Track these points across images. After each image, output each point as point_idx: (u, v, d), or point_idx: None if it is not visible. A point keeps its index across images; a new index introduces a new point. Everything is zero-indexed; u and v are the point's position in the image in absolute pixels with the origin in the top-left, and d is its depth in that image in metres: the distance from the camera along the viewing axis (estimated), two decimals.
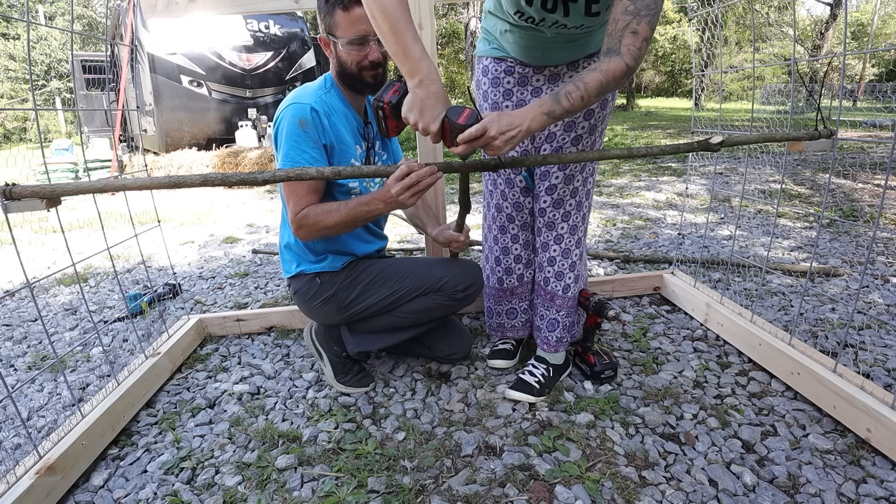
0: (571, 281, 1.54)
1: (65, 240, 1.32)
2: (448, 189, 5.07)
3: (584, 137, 1.43)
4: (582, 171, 1.46)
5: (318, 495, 1.16)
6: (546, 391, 1.50)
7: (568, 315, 1.56)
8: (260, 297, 2.46)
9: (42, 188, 1.09)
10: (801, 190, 4.37)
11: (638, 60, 1.06)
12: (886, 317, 1.94)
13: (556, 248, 1.52)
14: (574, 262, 1.53)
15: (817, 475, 1.16)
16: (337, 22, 1.32)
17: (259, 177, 1.16)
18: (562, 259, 1.52)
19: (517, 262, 1.62)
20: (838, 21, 16.49)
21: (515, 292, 1.66)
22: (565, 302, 1.55)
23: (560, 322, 1.56)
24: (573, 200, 1.48)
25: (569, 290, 1.54)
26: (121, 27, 7.13)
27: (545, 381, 1.51)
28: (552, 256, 1.53)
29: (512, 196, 1.55)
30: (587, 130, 1.42)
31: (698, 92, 16.65)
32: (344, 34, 1.33)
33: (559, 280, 1.53)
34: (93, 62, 8.94)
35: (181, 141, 7.04)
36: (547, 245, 1.53)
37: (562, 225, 1.50)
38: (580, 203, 1.49)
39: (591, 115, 1.41)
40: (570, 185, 1.46)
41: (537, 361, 1.57)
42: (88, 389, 1.69)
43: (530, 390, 1.48)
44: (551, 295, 1.55)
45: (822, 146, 1.46)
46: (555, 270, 1.53)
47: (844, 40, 1.36)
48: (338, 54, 1.38)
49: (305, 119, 1.34)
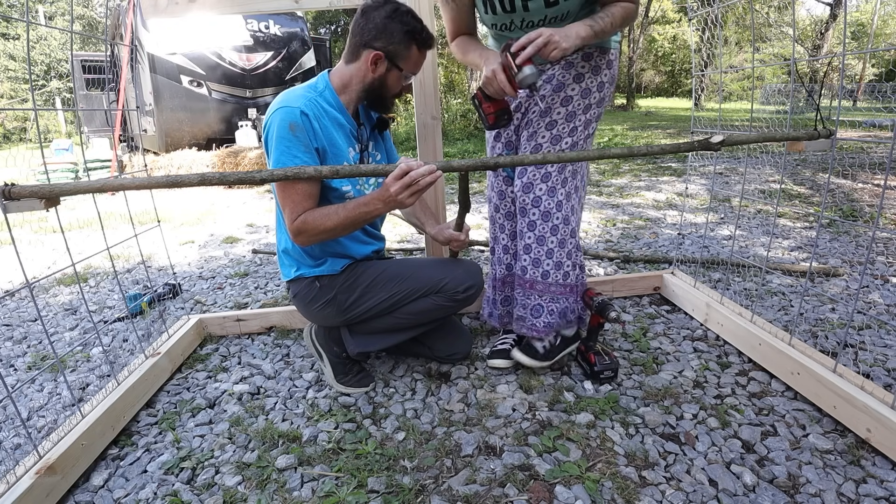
0: (551, 267, 1.50)
1: (64, 240, 1.32)
2: (448, 189, 5.07)
3: (558, 122, 1.47)
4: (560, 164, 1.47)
5: (318, 495, 1.16)
6: (551, 357, 1.54)
7: (553, 300, 1.52)
8: (260, 297, 2.46)
9: (41, 188, 1.09)
10: (800, 190, 4.37)
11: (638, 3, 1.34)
12: (886, 317, 1.94)
13: (529, 235, 1.50)
14: (551, 250, 1.49)
15: (817, 475, 1.16)
16: (408, 55, 1.38)
17: (257, 176, 1.16)
18: (537, 246, 1.50)
19: (505, 252, 1.66)
20: (838, 21, 16.49)
21: (506, 281, 1.69)
22: (547, 287, 1.51)
23: (545, 307, 1.52)
24: (544, 185, 1.47)
25: (548, 277, 1.50)
26: (121, 27, 7.13)
27: (552, 347, 1.54)
28: (527, 244, 1.51)
29: (497, 184, 1.63)
30: (563, 117, 1.47)
31: (698, 92, 16.65)
32: (409, 68, 1.41)
33: (536, 267, 1.51)
34: (93, 62, 8.94)
35: (181, 141, 7.04)
36: (521, 233, 1.52)
37: (533, 211, 1.49)
38: (553, 189, 1.47)
39: (570, 101, 1.45)
40: (542, 169, 1.47)
41: None
42: (88, 389, 1.69)
43: (534, 354, 1.52)
44: (531, 283, 1.53)
45: (821, 146, 1.46)
46: (531, 258, 1.51)
47: (844, 40, 1.36)
48: (386, 78, 1.40)
49: (295, 123, 1.31)
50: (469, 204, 1.36)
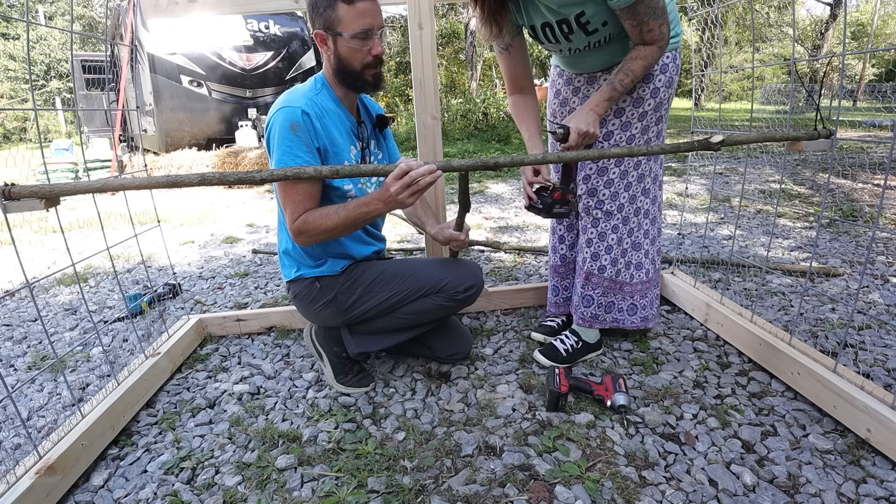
0: (608, 262, 1.64)
1: (64, 240, 1.32)
2: (448, 189, 5.07)
3: (636, 137, 1.56)
4: (618, 163, 1.58)
5: (318, 495, 1.16)
6: (571, 361, 1.66)
7: (604, 294, 1.67)
8: (260, 297, 2.46)
9: (41, 188, 1.09)
10: (800, 190, 4.37)
11: (666, 40, 1.34)
12: (886, 317, 1.94)
13: (592, 230, 1.65)
14: (611, 246, 1.63)
15: (817, 475, 1.16)
16: (339, 16, 1.28)
17: (257, 176, 1.16)
18: (598, 241, 1.65)
19: (561, 242, 1.83)
20: (838, 21, 16.49)
21: (558, 271, 1.86)
22: (601, 281, 1.66)
23: (595, 299, 1.68)
24: (607, 191, 1.60)
25: (604, 271, 1.65)
26: (121, 27, 7.12)
27: (573, 351, 1.67)
28: (589, 238, 1.66)
29: None
30: (640, 130, 1.55)
31: (698, 92, 16.65)
32: (347, 28, 1.28)
33: (595, 261, 1.66)
34: (93, 62, 8.94)
35: (181, 141, 7.04)
36: (585, 228, 1.68)
37: (595, 211, 1.63)
38: (616, 193, 1.60)
39: (645, 116, 1.54)
40: (605, 175, 1.59)
41: (570, 333, 1.72)
42: (88, 389, 1.69)
43: (556, 356, 1.66)
44: (587, 273, 1.68)
45: (821, 146, 1.46)
46: (591, 251, 1.66)
47: (844, 40, 1.36)
48: (338, 50, 1.33)
49: (297, 123, 1.31)
50: (469, 204, 1.36)
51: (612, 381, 1.44)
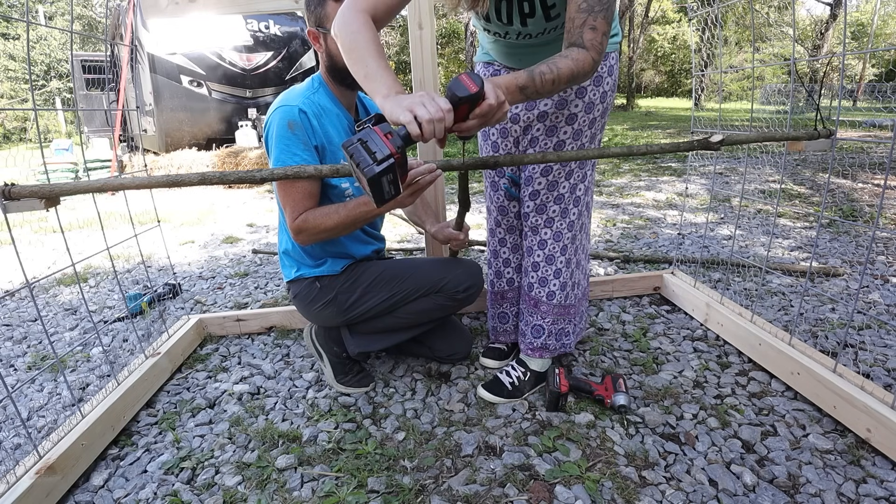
0: (556, 288, 1.50)
1: (64, 240, 1.32)
2: (448, 189, 5.07)
3: (566, 143, 1.40)
4: (569, 177, 1.43)
5: (318, 495, 1.16)
6: (518, 395, 1.49)
7: (555, 322, 1.52)
8: (260, 297, 2.46)
9: (41, 188, 1.09)
10: (800, 190, 4.37)
11: (601, 54, 1.09)
12: (886, 317, 1.94)
13: (539, 253, 1.50)
14: (559, 269, 1.49)
15: (817, 475, 1.16)
16: (328, 13, 1.30)
17: (257, 175, 1.16)
18: (545, 265, 1.49)
19: (506, 265, 1.66)
20: (838, 21, 16.49)
21: (506, 297, 1.68)
22: (550, 309, 1.51)
23: (545, 329, 1.52)
24: (556, 207, 1.45)
25: (553, 297, 1.50)
26: (121, 27, 7.13)
27: (519, 384, 1.50)
28: (535, 261, 1.51)
29: (496, 199, 1.60)
30: (570, 136, 1.40)
31: (698, 92, 16.65)
32: None
33: (542, 286, 1.51)
34: (93, 62, 8.94)
35: (181, 141, 7.04)
36: (531, 250, 1.52)
37: (545, 230, 1.48)
38: (565, 210, 1.46)
39: (574, 119, 1.39)
40: (555, 191, 1.44)
41: (517, 364, 1.56)
42: (88, 389, 1.69)
43: (501, 391, 1.48)
44: (535, 301, 1.53)
45: (821, 146, 1.46)
46: (538, 276, 1.51)
47: (844, 40, 1.36)
48: (328, 47, 1.35)
49: (294, 121, 1.32)
50: (469, 203, 1.36)
51: (612, 381, 1.45)
